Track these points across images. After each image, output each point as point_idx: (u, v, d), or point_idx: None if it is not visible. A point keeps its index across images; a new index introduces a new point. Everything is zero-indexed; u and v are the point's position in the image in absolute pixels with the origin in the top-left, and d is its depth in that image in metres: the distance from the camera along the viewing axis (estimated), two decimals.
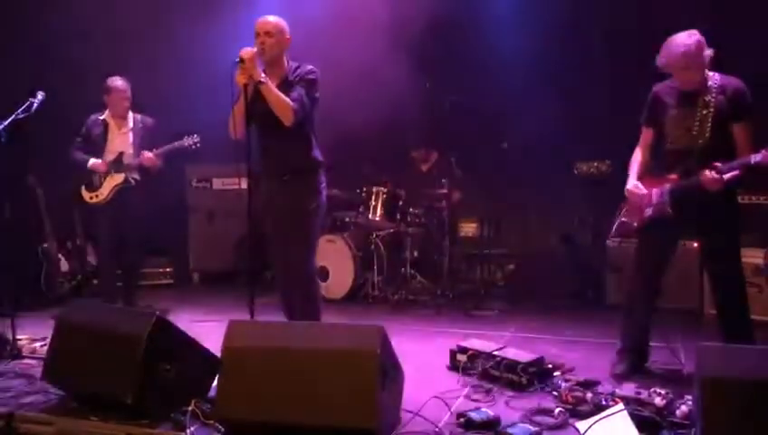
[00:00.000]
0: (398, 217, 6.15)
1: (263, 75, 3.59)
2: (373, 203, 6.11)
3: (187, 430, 2.91)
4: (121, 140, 5.24)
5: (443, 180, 6.13)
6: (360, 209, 6.19)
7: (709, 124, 3.44)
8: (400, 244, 6.17)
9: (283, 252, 3.87)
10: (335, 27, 6.21)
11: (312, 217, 3.85)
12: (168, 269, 6.90)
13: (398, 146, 6.61)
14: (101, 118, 5.26)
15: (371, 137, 6.56)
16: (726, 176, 3.33)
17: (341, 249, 6.00)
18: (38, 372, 3.54)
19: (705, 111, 3.45)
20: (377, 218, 6.11)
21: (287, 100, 3.63)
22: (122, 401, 3.00)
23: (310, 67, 3.84)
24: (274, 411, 2.78)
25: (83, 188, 5.21)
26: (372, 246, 6.05)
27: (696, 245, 4.96)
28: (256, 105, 3.67)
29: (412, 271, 6.07)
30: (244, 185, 3.45)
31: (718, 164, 3.34)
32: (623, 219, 3.80)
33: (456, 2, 6.45)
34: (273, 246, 3.93)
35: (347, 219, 6.39)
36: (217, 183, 6.98)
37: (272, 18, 3.77)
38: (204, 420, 2.96)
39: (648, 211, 3.63)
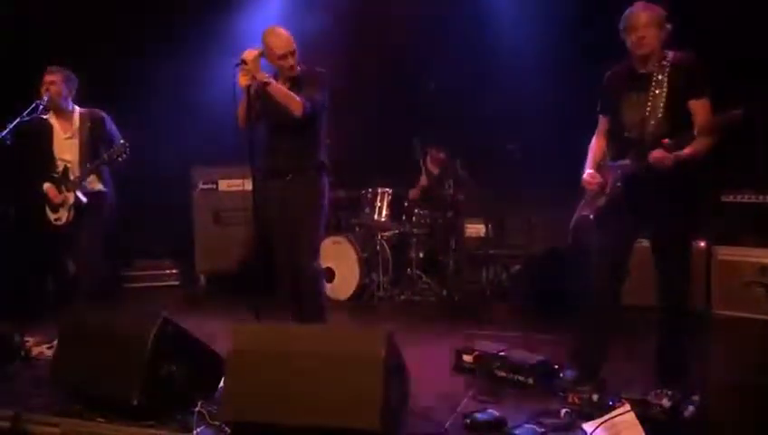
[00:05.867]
0: (404, 217, 6.15)
1: (266, 75, 3.59)
2: (378, 204, 6.12)
3: (194, 432, 2.92)
4: (67, 148, 4.54)
5: (448, 181, 6.13)
6: (366, 210, 6.19)
7: (661, 105, 3.29)
8: (406, 245, 6.17)
9: (287, 252, 3.89)
10: (339, 29, 6.23)
11: (315, 218, 3.86)
12: (173, 271, 6.92)
13: (403, 147, 6.62)
14: (45, 117, 4.50)
15: (376, 138, 6.58)
16: (676, 153, 3.14)
17: (347, 250, 6.00)
18: (45, 373, 3.55)
19: (657, 91, 3.30)
20: (382, 219, 6.11)
21: (294, 95, 3.64)
22: (128, 402, 3.01)
23: (320, 69, 3.86)
24: (280, 413, 2.77)
25: (47, 209, 4.57)
26: (378, 247, 6.05)
27: (702, 244, 4.96)
28: (264, 104, 3.70)
29: (417, 272, 6.06)
30: (249, 186, 3.44)
31: (666, 140, 3.15)
32: (582, 213, 3.66)
33: (465, 1, 6.45)
34: (277, 245, 3.94)
35: (352, 220, 6.39)
36: (223, 185, 6.99)
37: (283, 33, 3.73)
38: (210, 421, 2.97)
39: (602, 200, 3.51)
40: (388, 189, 6.13)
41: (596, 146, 3.66)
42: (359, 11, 6.38)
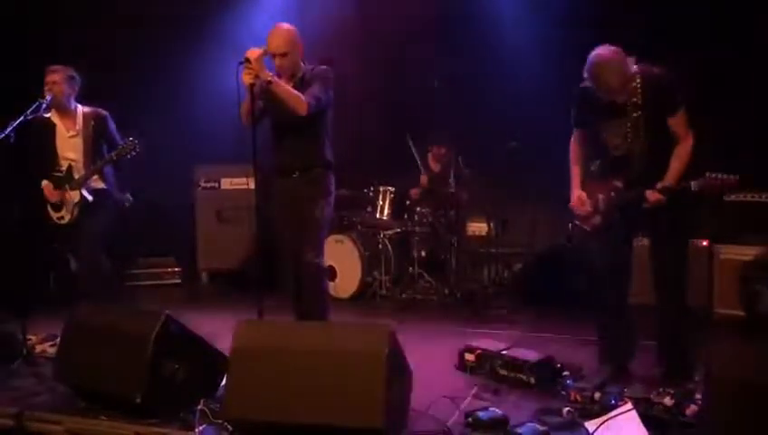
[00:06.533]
0: (406, 216, 6.15)
1: (270, 74, 3.60)
2: (380, 202, 6.12)
3: (196, 430, 2.92)
4: (71, 147, 4.53)
5: (450, 180, 6.12)
6: (368, 209, 6.19)
7: (642, 128, 3.36)
8: (408, 243, 6.17)
9: (292, 250, 3.89)
10: (344, 26, 6.23)
11: (320, 216, 3.86)
12: (176, 269, 6.93)
13: (405, 146, 6.62)
14: (47, 116, 4.47)
15: (380, 136, 6.59)
16: (668, 187, 3.30)
17: (349, 249, 6.01)
18: (48, 371, 3.56)
19: (635, 114, 3.36)
20: (384, 218, 6.11)
21: (298, 93, 3.65)
22: (131, 400, 3.01)
23: (324, 67, 3.86)
24: (282, 411, 2.78)
25: (49, 207, 4.56)
26: (380, 246, 6.05)
27: (704, 243, 4.96)
28: (269, 103, 3.72)
29: (420, 270, 6.06)
30: (252, 185, 3.44)
31: (659, 185, 3.30)
32: (576, 222, 3.75)
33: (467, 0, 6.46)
34: (282, 244, 3.95)
35: (354, 219, 6.40)
36: (225, 183, 7.00)
37: (282, 34, 3.75)
38: (212, 419, 2.97)
39: (597, 220, 3.60)
40: (390, 188, 6.14)
41: (577, 159, 3.74)
42: (360, 10, 6.38)
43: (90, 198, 4.49)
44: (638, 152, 3.41)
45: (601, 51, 3.30)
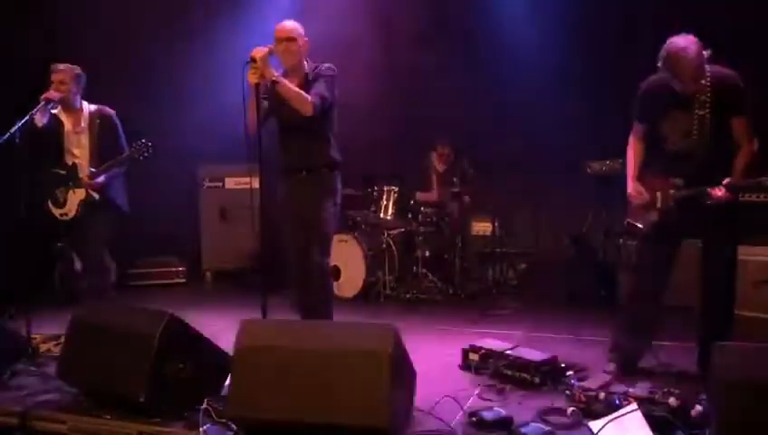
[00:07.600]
0: (410, 216, 6.15)
1: (275, 73, 3.60)
2: (384, 202, 6.12)
3: (200, 429, 2.92)
4: (77, 144, 4.54)
5: (455, 179, 6.12)
6: (372, 208, 6.19)
7: (708, 125, 3.37)
8: (412, 243, 6.17)
9: (298, 249, 3.89)
10: (349, 26, 6.23)
11: (327, 216, 3.86)
12: (180, 269, 6.94)
13: (410, 145, 6.62)
14: (54, 112, 4.46)
15: (384, 136, 6.59)
16: (735, 184, 3.31)
17: (353, 248, 6.01)
18: (52, 370, 3.57)
19: (702, 112, 3.36)
20: (388, 217, 6.11)
21: (303, 92, 3.65)
22: (135, 399, 3.02)
23: (328, 65, 3.86)
24: (287, 410, 2.78)
25: (50, 203, 4.59)
26: (384, 246, 6.05)
27: None
28: (274, 103, 3.72)
29: (424, 270, 6.06)
30: (256, 184, 3.43)
31: (733, 182, 3.29)
32: (629, 220, 3.74)
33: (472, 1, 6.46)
34: (288, 243, 3.95)
35: (358, 218, 6.40)
36: (230, 182, 7.02)
37: (289, 23, 3.79)
38: (216, 418, 2.98)
39: (654, 216, 3.58)
40: (394, 187, 6.13)
41: (635, 153, 3.72)
42: (367, 12, 6.38)
43: (96, 196, 4.50)
44: (700, 150, 3.40)
45: (682, 39, 3.29)
